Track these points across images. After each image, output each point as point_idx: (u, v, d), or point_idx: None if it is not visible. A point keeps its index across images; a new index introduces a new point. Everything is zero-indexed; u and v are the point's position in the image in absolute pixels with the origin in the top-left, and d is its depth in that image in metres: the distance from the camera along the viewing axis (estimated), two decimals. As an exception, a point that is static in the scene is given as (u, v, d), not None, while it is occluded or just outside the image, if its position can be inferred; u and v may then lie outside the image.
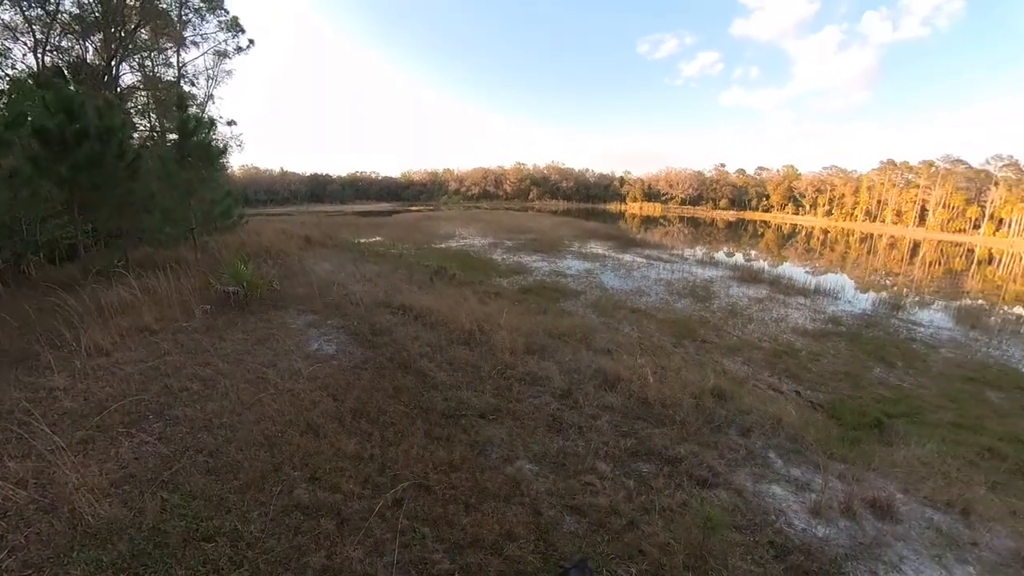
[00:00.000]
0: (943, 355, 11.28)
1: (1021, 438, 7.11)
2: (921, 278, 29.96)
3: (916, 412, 7.79)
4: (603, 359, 7.37)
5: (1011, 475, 5.95)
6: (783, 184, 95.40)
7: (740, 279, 18.84)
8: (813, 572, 3.49)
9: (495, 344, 7.43)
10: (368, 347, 7.22)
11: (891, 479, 4.99)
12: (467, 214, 49.67)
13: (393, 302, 9.74)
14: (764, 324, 12.44)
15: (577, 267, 18.85)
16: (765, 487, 4.54)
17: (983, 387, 9.34)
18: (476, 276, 15.28)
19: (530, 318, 9.76)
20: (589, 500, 3.97)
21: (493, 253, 21.22)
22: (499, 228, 32.48)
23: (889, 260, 39.80)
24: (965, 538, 4.12)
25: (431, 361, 6.76)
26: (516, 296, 12.80)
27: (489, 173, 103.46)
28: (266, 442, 4.46)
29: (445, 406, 5.45)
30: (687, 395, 6.20)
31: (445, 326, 8.36)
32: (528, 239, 26.83)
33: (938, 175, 74.17)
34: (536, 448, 4.73)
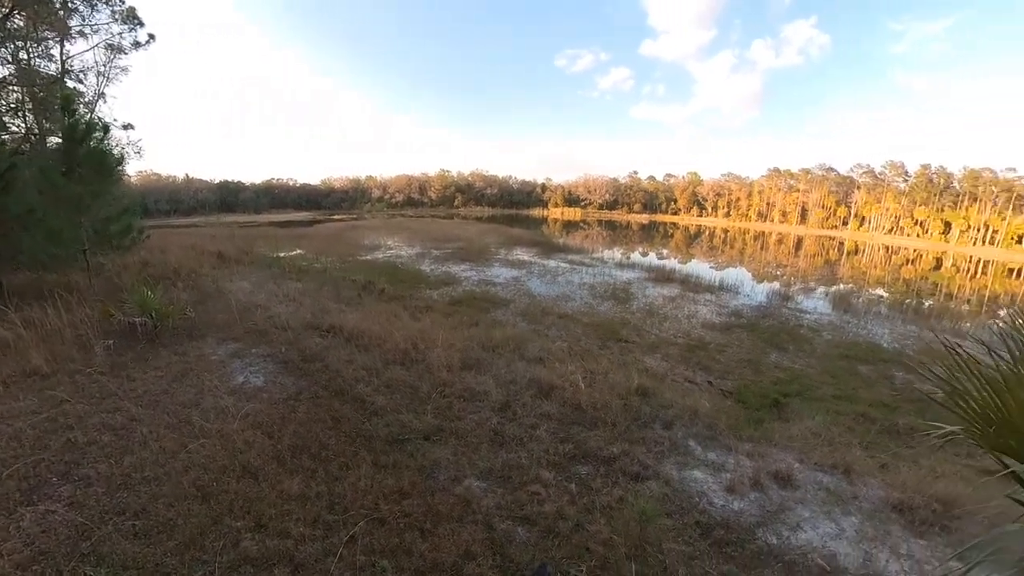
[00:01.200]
0: (824, 337, 13.06)
1: (885, 403, 8.48)
2: (804, 268, 34.41)
3: (806, 389, 8.98)
4: (537, 368, 7.69)
5: (879, 435, 7.09)
6: (688, 189, 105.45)
7: (655, 279, 20.30)
8: (733, 542, 4.01)
9: (431, 362, 7.48)
10: (300, 375, 6.89)
11: (789, 451, 5.79)
12: (392, 223, 48.36)
13: (322, 323, 9.33)
14: (678, 321, 13.55)
15: (505, 275, 19.20)
16: (688, 473, 5.09)
17: (855, 362, 10.97)
18: (406, 289, 15.01)
19: (463, 331, 9.86)
20: (537, 509, 4.20)
21: (421, 264, 20.94)
22: (426, 237, 32.08)
23: (779, 254, 45.18)
24: (848, 494, 4.93)
25: (368, 385, 6.62)
26: (447, 308, 12.80)
27: (413, 180, 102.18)
28: (199, 493, 4.13)
29: (388, 432, 5.39)
30: (615, 397, 6.70)
31: (379, 346, 8.20)
32: (456, 248, 26.82)
33: (814, 181, 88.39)
34: (482, 464, 4.87)
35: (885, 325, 15.44)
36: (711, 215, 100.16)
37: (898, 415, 7.57)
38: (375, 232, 35.10)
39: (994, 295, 29.73)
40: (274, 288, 12.98)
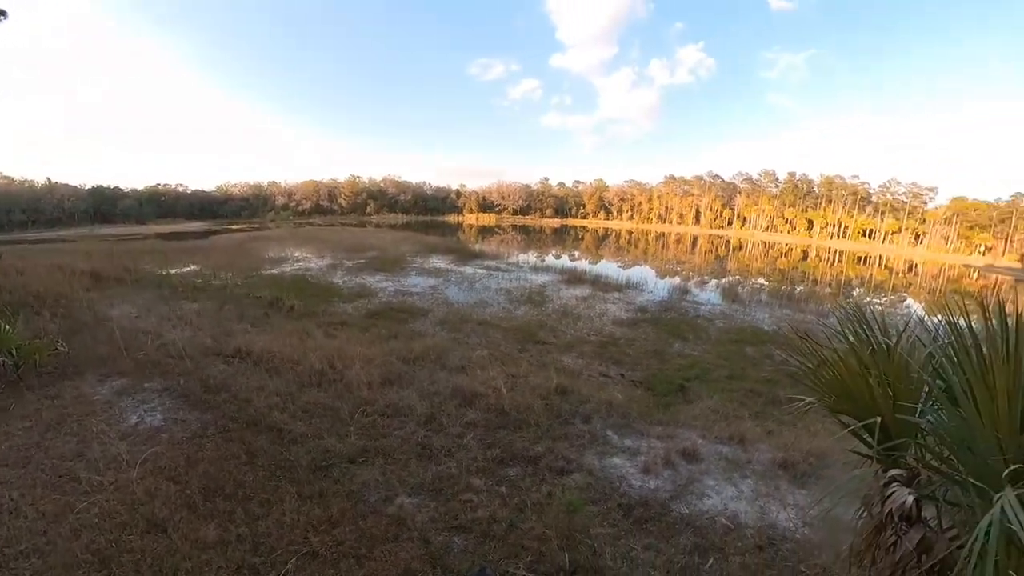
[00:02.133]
0: (717, 325, 14.60)
1: (768, 379, 9.70)
2: (699, 264, 38.15)
3: (704, 373, 9.99)
4: (459, 377, 7.71)
5: (765, 406, 8.09)
6: (595, 195, 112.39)
7: (568, 281, 21.26)
8: (651, 518, 4.38)
9: (351, 380, 7.17)
10: (204, 409, 6.20)
11: (693, 429, 6.43)
12: (300, 232, 45.16)
13: (225, 348, 8.49)
14: (590, 320, 14.31)
15: (422, 284, 18.92)
16: (608, 461, 5.44)
17: (743, 345, 12.42)
18: (318, 304, 14.10)
19: (382, 345, 9.57)
20: (471, 516, 4.23)
21: (333, 276, 19.82)
22: (337, 247, 30.41)
23: (677, 252, 49.67)
24: (743, 459, 5.60)
25: (284, 412, 6.17)
26: (364, 322, 12.31)
27: (321, 186, 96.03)
28: (96, 559, 3.54)
29: (310, 460, 5.07)
30: (537, 398, 6.94)
31: (292, 368, 7.66)
32: (369, 257, 25.81)
33: (705, 186, 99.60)
34: (412, 480, 4.79)
35: (766, 311, 17.66)
36: (617, 218, 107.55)
37: (778, 388, 8.69)
38: (281, 243, 32.49)
39: (848, 280, 35.75)
40: (165, 311, 11.48)
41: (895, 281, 38.61)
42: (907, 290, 33.37)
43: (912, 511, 1.62)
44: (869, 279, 38.44)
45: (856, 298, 25.60)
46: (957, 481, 1.62)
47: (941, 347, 2.08)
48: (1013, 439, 1.44)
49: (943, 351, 2.01)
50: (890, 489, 1.72)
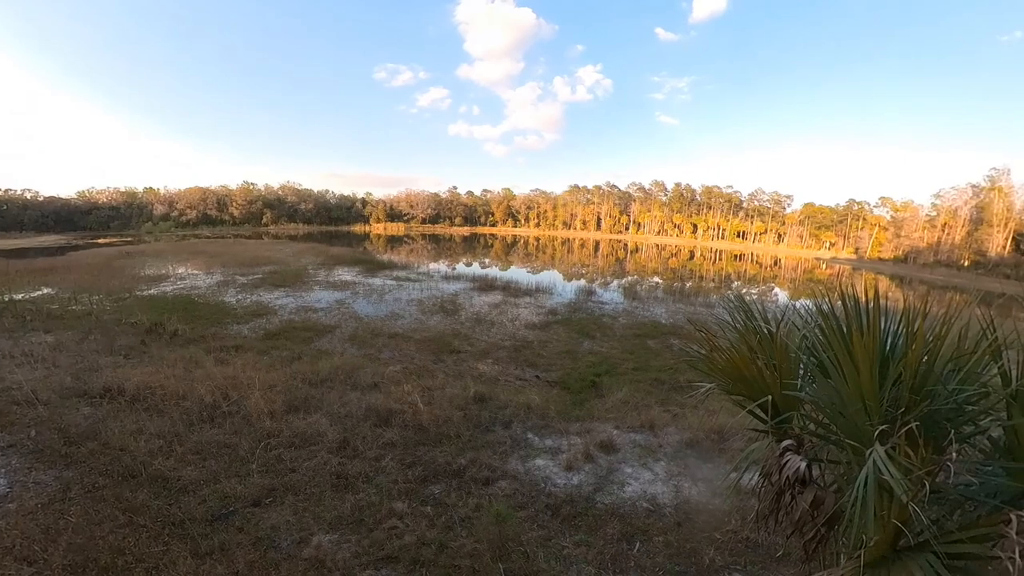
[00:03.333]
0: (621, 322, 15.62)
1: (669, 367, 10.58)
2: (602, 266, 40.66)
3: (613, 368, 10.61)
4: (372, 395, 7.32)
5: (669, 392, 8.78)
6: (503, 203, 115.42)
7: (480, 288, 21.37)
8: (578, 514, 4.51)
9: (249, 411, 6.44)
10: (65, 465, 5.11)
11: (608, 422, 6.77)
12: (183, 246, 39.73)
13: (91, 387, 7.13)
14: (503, 326, 14.51)
15: (327, 299, 17.75)
16: (531, 464, 5.52)
17: (645, 339, 13.42)
18: (207, 327, 12.52)
19: (284, 368, 8.77)
20: (397, 543, 4.00)
21: (225, 294, 17.72)
22: (229, 261, 27.36)
23: (582, 256, 52.44)
24: (654, 444, 6.02)
25: (169, 457, 5.32)
26: (262, 344, 11.18)
27: (209, 194, 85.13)
28: None
29: (205, 509, 4.42)
30: (455, 409, 6.84)
31: (177, 405, 6.68)
32: (267, 272, 23.57)
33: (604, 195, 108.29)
34: (328, 515, 4.41)
35: (662, 306, 19.30)
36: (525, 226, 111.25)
37: (679, 375, 9.51)
38: (160, 258, 28.33)
39: (728, 275, 40.70)
40: (8, 346, 9.35)
41: (764, 274, 44.94)
42: (774, 281, 38.87)
43: (805, 474, 1.86)
44: (744, 273, 44.23)
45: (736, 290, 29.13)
46: (835, 442, 1.89)
47: (811, 329, 2.41)
48: (877, 402, 1.72)
49: (813, 332, 2.33)
50: (785, 457, 1.96)
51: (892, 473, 1.39)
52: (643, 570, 3.76)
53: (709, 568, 3.77)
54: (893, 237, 66.54)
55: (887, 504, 1.57)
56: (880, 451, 1.45)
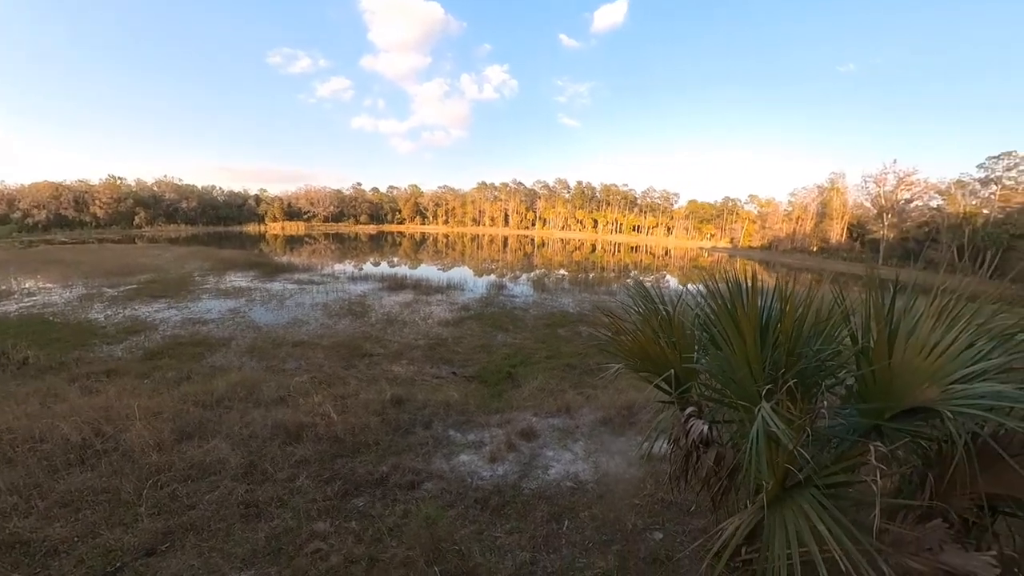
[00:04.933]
0: (532, 314, 16.15)
1: (579, 352, 11.18)
2: (511, 261, 41.50)
3: (527, 358, 10.96)
4: (279, 411, 6.73)
5: (581, 376, 9.30)
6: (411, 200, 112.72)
7: (389, 288, 20.72)
8: (507, 502, 4.59)
9: (131, 445, 5.52)
10: None
11: (527, 410, 6.98)
12: (31, 254, 32.58)
13: None
14: (416, 325, 14.26)
15: (219, 308, 15.98)
16: (456, 460, 5.50)
17: (555, 328, 14.04)
18: (67, 351, 10.53)
19: (171, 392, 7.71)
20: (324, 567, 3.73)
21: (90, 311, 15.01)
22: (93, 271, 23.12)
23: (491, 252, 53.05)
24: (572, 426, 6.33)
25: (28, 516, 4.35)
26: (141, 366, 9.71)
27: (64, 190, 69.54)
28: None
29: (84, 571, 3.72)
30: (371, 415, 6.54)
31: (34, 449, 5.47)
32: (143, 281, 20.41)
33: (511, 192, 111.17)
34: (240, 551, 3.96)
35: (569, 296, 20.29)
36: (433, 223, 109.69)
37: (589, 359, 10.11)
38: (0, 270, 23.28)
39: (626, 265, 44.10)
40: None
41: (657, 263, 49.57)
42: (667, 269, 43.00)
43: (707, 435, 2.12)
44: (640, 263, 48.35)
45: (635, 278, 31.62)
46: (729, 404, 2.19)
47: (702, 308, 2.73)
48: (760, 366, 2.03)
49: (704, 311, 2.65)
50: (690, 423, 2.22)
51: (778, 424, 1.66)
52: (574, 545, 3.97)
53: (632, 531, 4.09)
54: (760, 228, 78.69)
55: (775, 451, 1.87)
56: (766, 407, 1.72)
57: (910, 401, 1.81)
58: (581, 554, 3.86)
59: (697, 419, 2.22)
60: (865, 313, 2.01)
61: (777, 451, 1.83)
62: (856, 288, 2.61)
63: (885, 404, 1.88)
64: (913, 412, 1.85)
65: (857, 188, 62.02)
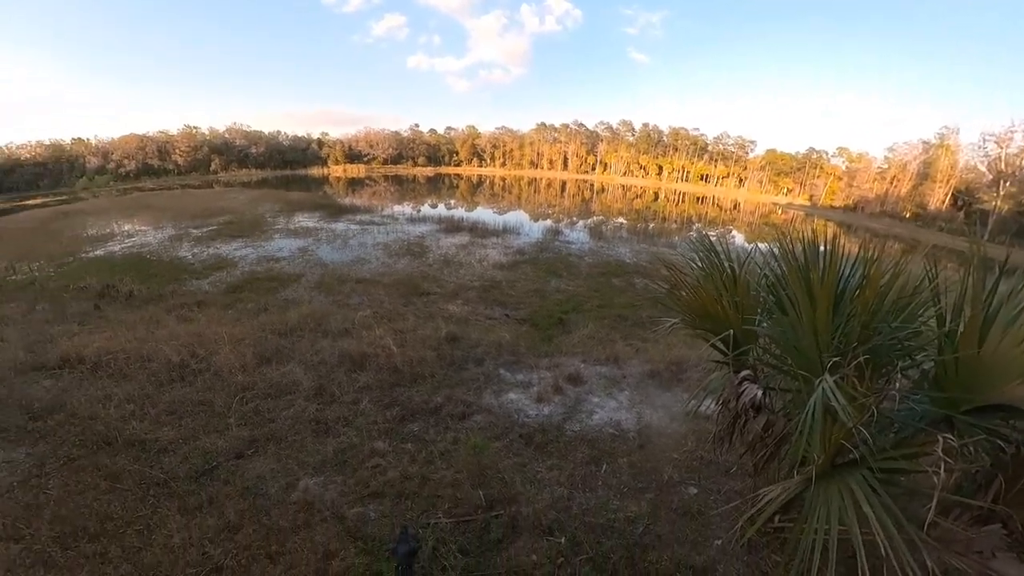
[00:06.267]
0: (587, 261, 15.93)
1: (633, 304, 11.02)
2: (568, 206, 40.57)
3: (579, 305, 10.97)
4: (345, 341, 7.32)
5: (632, 328, 9.24)
6: (468, 142, 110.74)
7: (446, 230, 21.10)
8: (550, 441, 4.81)
9: (220, 367, 6.31)
10: (35, 440, 4.88)
11: (575, 356, 7.11)
12: (127, 201, 36.29)
13: (47, 359, 6.72)
14: (472, 266, 14.54)
15: (290, 247, 17.15)
16: (504, 398, 5.78)
17: (609, 277, 13.82)
18: (164, 285, 11.95)
19: (251, 321, 8.59)
20: (381, 480, 4.19)
21: (179, 249, 16.74)
22: (179, 214, 25.47)
23: (548, 196, 51.98)
24: (619, 376, 6.40)
25: (143, 420, 5.19)
26: (226, 298, 10.84)
27: (148, 141, 75.51)
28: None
29: (188, 467, 4.42)
30: (428, 349, 6.96)
31: (144, 367, 6.43)
32: (222, 223, 22.23)
33: (572, 134, 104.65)
34: (312, 460, 4.51)
35: (626, 245, 19.71)
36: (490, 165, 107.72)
37: (641, 311, 9.96)
38: (102, 216, 25.89)
39: (689, 216, 41.59)
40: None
41: (724, 217, 46.08)
42: (733, 223, 39.82)
43: (760, 401, 2.07)
44: (705, 215, 45.23)
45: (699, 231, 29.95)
46: (788, 372, 2.10)
47: (771, 268, 2.57)
48: (829, 337, 1.91)
49: (774, 272, 2.49)
50: (743, 386, 2.17)
51: (839, 400, 1.58)
52: (609, 488, 4.14)
53: (668, 483, 4.19)
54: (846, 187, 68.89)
55: (831, 426, 1.80)
56: (829, 380, 1.64)
57: (995, 396, 1.66)
58: (616, 496, 4.03)
59: (751, 383, 2.16)
60: (960, 293, 1.80)
61: (833, 426, 1.76)
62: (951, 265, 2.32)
63: (964, 396, 1.73)
64: (994, 408, 1.69)
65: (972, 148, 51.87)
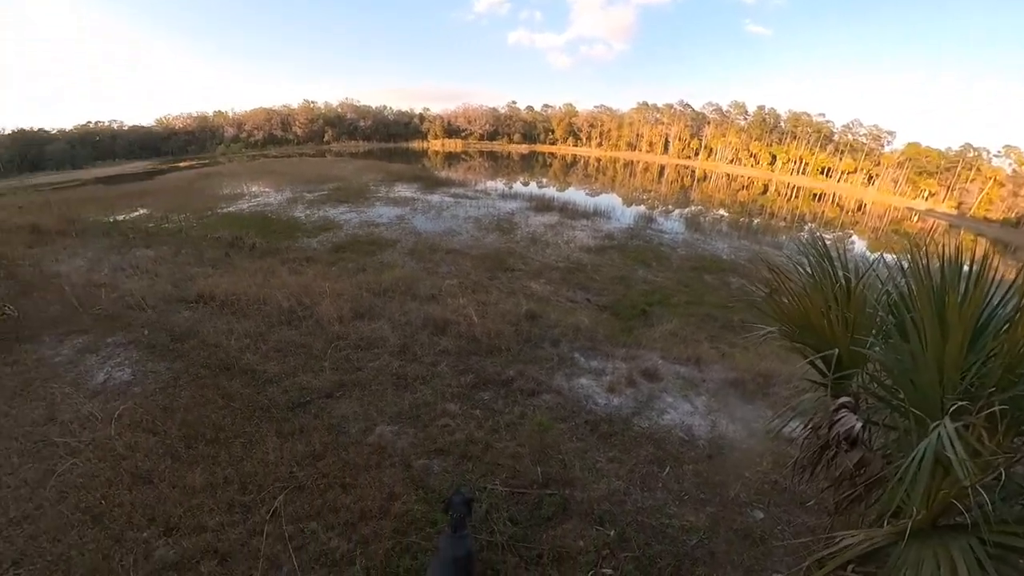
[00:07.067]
0: (679, 253, 15.06)
1: (725, 305, 10.26)
2: (665, 193, 38.43)
3: (665, 298, 10.46)
4: (430, 307, 7.76)
5: (720, 330, 8.64)
6: (565, 120, 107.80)
7: (536, 208, 21.10)
8: (616, 433, 4.75)
9: (321, 316, 7.09)
10: (173, 358, 5.97)
11: (654, 351, 6.84)
12: (254, 166, 41.52)
13: (188, 294, 8.09)
14: (558, 247, 14.43)
15: (388, 214, 18.32)
16: (576, 381, 5.77)
17: (702, 272, 12.96)
18: (280, 241, 13.50)
19: (350, 279, 9.42)
20: (448, 439, 4.47)
21: (294, 210, 18.74)
22: (296, 179, 28.43)
23: (644, 181, 49.57)
24: (698, 378, 6.06)
25: (255, 353, 6.06)
26: (330, 257, 11.98)
27: (274, 114, 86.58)
28: (88, 516, 3.54)
29: (287, 398, 5.10)
30: (507, 324, 7.13)
31: (259, 308, 7.46)
32: (332, 189, 24.42)
33: (675, 115, 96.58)
34: (389, 410, 4.94)
35: (725, 240, 18.29)
36: (586, 145, 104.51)
37: (733, 313, 9.24)
38: (235, 178, 29.76)
39: (802, 215, 37.05)
40: (118, 261, 10.59)
41: (845, 219, 39.66)
42: (854, 228, 34.28)
43: (856, 434, 1.83)
44: (821, 215, 39.56)
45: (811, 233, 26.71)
46: (897, 408, 1.83)
47: (896, 286, 2.23)
48: (957, 375, 1.62)
49: (898, 289, 2.15)
50: (840, 414, 1.93)
51: (958, 452, 1.34)
52: (669, 492, 4.00)
53: (733, 501, 3.94)
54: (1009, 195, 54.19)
55: (941, 480, 1.54)
56: (950, 426, 1.39)
57: None
58: (674, 502, 3.89)
59: (850, 412, 1.91)
60: None
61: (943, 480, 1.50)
62: None
63: None
64: None
65: None
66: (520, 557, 3.28)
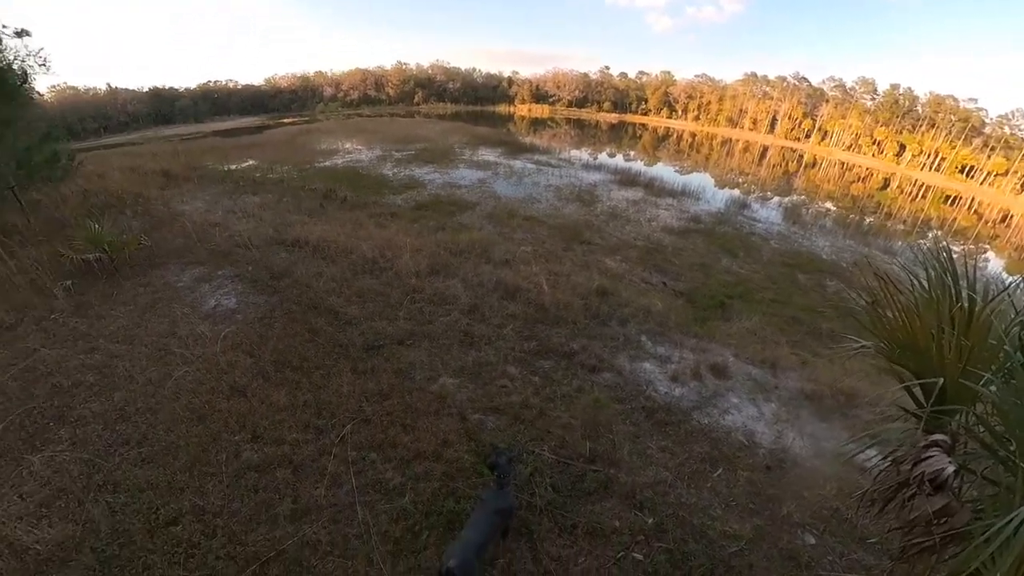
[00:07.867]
0: (772, 246, 13.88)
1: (815, 308, 9.41)
2: (764, 178, 35.11)
3: (748, 293, 9.78)
4: (503, 271, 7.94)
5: (805, 336, 7.98)
6: (660, 89, 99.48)
7: (620, 182, 20.29)
8: (672, 423, 4.68)
9: (400, 269, 7.56)
10: (271, 293, 6.83)
11: (727, 347, 6.51)
12: (349, 124, 44.01)
13: (286, 238, 9.03)
14: (639, 224, 13.88)
15: (470, 177, 18.59)
16: (638, 365, 5.69)
17: (795, 270, 11.88)
18: (368, 196, 14.32)
19: (430, 236, 9.84)
20: (505, 400, 4.68)
21: (383, 168, 19.67)
22: (386, 138, 29.71)
23: (742, 162, 45.41)
24: (771, 384, 5.71)
25: (340, 297, 6.70)
26: (413, 214, 12.52)
27: (368, 75, 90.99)
28: (194, 416, 4.33)
29: (364, 340, 5.62)
30: (577, 297, 7.13)
31: (346, 256, 8.14)
32: (418, 149, 25.22)
33: (788, 90, 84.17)
34: (454, 364, 5.26)
35: (827, 238, 16.50)
36: (681, 118, 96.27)
37: (823, 320, 8.47)
38: (331, 135, 31.70)
39: (927, 219, 31.35)
40: (230, 204, 12.05)
41: (981, 230, 32.67)
42: (991, 242, 28.14)
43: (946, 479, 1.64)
44: (951, 223, 33.03)
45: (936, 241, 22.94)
46: (1003, 460, 1.61)
47: (1032, 316, 1.92)
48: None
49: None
50: (930, 452, 1.74)
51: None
52: (716, 494, 3.89)
53: (784, 519, 3.74)
54: None
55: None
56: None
57: None
58: (720, 505, 3.78)
59: (942, 453, 1.71)
60: None
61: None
62: None
63: None
64: None
65: None
66: (555, 523, 3.43)
